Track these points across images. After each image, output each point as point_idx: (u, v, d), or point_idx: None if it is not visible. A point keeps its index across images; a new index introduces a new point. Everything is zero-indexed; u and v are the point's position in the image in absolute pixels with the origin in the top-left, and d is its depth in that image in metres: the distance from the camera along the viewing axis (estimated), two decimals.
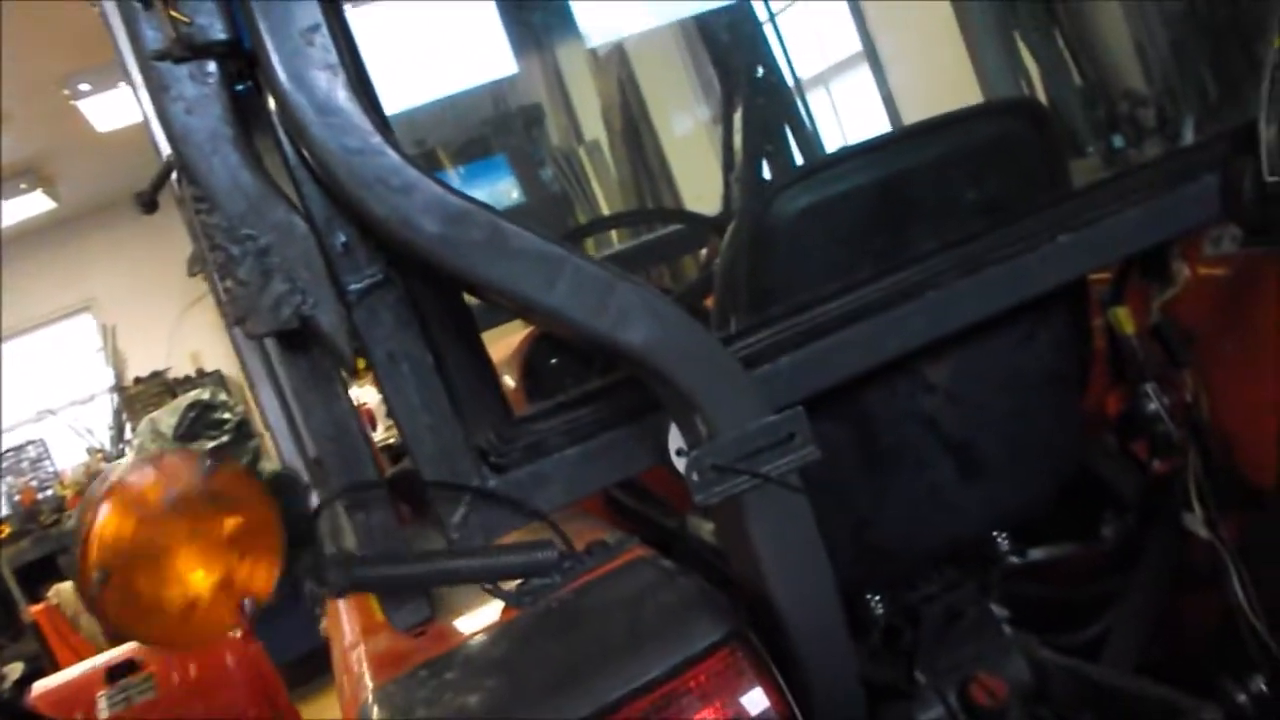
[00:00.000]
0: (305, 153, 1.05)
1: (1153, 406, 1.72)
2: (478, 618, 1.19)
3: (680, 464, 1.20)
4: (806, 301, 1.31)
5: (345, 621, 1.38)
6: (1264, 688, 1.51)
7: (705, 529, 1.89)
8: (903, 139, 1.78)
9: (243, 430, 6.69)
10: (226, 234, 1.02)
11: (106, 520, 0.96)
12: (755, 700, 0.99)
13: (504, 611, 1.16)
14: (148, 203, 1.17)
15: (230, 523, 1.03)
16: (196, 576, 1.01)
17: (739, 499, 1.12)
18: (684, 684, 0.97)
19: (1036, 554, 1.74)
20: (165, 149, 1.16)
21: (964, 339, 1.46)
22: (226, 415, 6.63)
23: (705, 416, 1.11)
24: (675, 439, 1.21)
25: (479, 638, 1.10)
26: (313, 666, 4.93)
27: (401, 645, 1.17)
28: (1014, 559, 1.72)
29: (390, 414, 1.16)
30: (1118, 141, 2.25)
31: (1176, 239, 1.60)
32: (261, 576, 1.04)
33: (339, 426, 1.14)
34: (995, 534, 1.71)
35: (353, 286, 1.09)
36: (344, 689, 1.27)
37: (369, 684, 1.12)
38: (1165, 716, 1.50)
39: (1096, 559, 1.81)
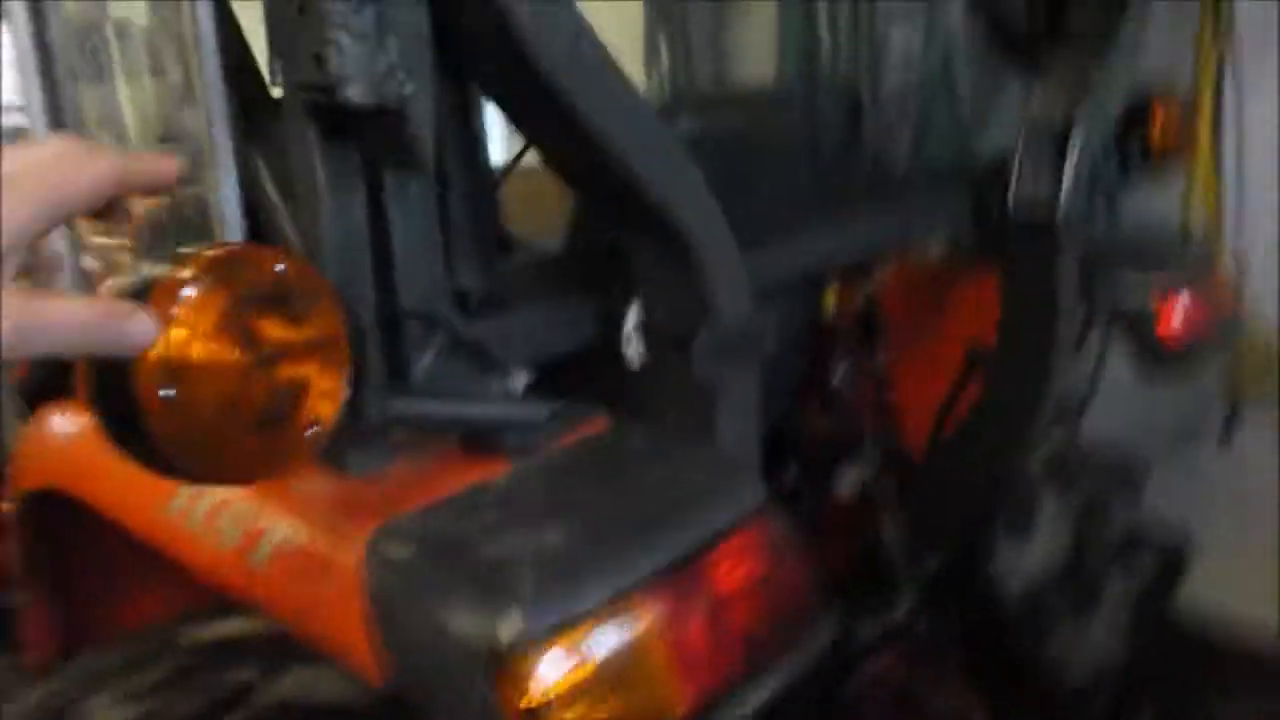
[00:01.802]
0: None
1: (838, 380, 2.04)
2: (434, 470, 1.10)
3: (633, 340, 1.24)
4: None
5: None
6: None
7: None
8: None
9: None
10: None
11: (177, 327, 0.70)
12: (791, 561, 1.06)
13: (478, 466, 1.08)
14: None
15: (304, 332, 0.78)
16: (269, 398, 0.76)
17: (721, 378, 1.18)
18: (731, 544, 1.00)
19: None
20: None
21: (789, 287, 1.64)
22: None
23: (711, 291, 1.15)
24: (634, 315, 1.24)
25: (498, 482, 1.03)
26: None
27: (354, 492, 1.04)
28: None
29: (380, 232, 1.04)
30: None
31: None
32: (328, 399, 0.80)
33: (356, 237, 1.01)
34: None
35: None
36: (215, 538, 1.09)
37: (340, 530, 0.99)
38: None
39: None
